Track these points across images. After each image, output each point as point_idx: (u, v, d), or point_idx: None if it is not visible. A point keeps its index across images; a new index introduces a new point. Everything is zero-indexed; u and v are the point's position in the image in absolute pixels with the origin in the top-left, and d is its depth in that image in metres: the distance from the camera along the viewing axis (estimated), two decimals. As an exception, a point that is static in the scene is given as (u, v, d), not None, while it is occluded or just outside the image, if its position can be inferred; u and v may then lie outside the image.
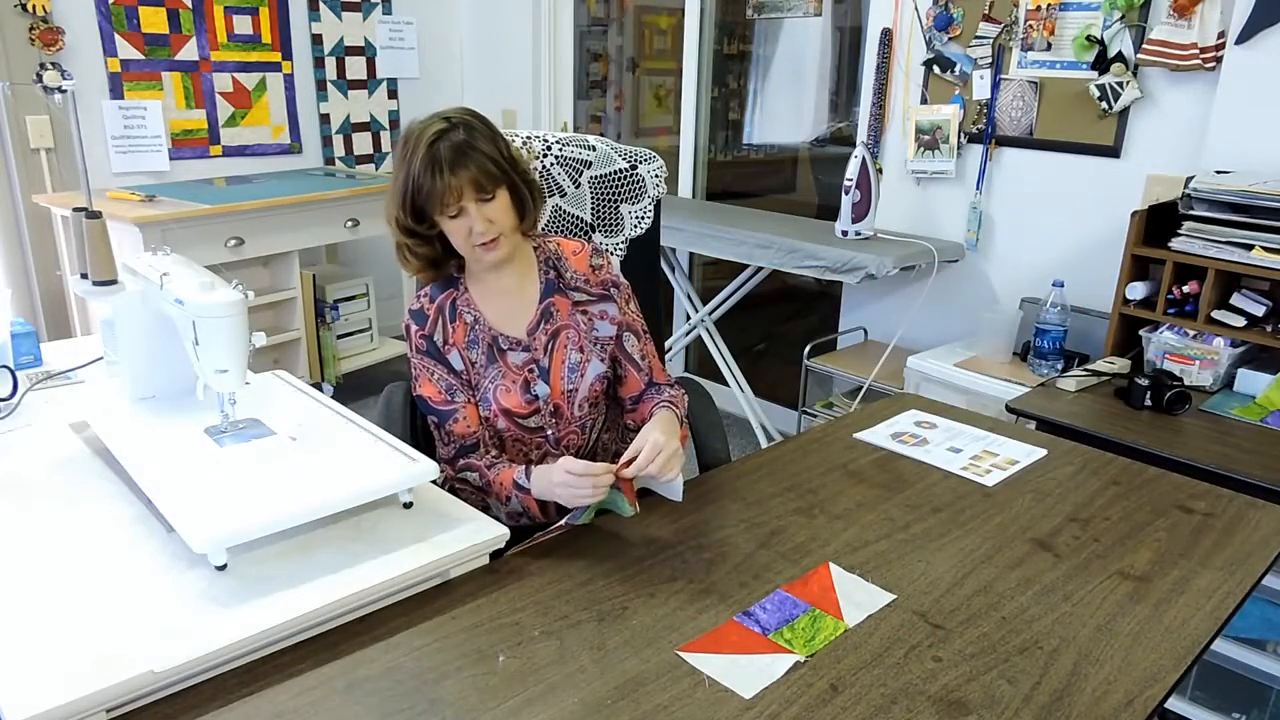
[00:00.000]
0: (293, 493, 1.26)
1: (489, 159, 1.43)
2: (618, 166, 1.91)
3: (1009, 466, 1.64)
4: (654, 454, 1.36)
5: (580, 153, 1.92)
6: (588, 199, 1.93)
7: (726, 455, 1.79)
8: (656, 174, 1.93)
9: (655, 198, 1.95)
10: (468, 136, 1.43)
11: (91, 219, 1.93)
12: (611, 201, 1.93)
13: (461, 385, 1.55)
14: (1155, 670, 1.09)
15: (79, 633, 1.04)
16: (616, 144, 1.94)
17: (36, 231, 3.33)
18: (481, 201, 1.44)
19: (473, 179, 1.42)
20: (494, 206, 1.45)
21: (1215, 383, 2.19)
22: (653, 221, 1.96)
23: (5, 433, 1.56)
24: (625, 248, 1.95)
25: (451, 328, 1.55)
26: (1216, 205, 2.15)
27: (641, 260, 1.97)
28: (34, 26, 3.21)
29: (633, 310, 1.64)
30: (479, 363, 1.56)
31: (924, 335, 3.03)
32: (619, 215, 1.94)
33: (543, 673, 1.06)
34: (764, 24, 3.68)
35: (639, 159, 1.92)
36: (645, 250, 1.98)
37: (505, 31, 4.33)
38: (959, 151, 2.90)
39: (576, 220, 1.94)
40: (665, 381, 1.66)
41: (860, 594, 1.23)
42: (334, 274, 3.98)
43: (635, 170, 1.92)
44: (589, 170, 1.92)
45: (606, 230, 1.95)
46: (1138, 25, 2.46)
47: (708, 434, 1.84)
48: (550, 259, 1.60)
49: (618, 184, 1.92)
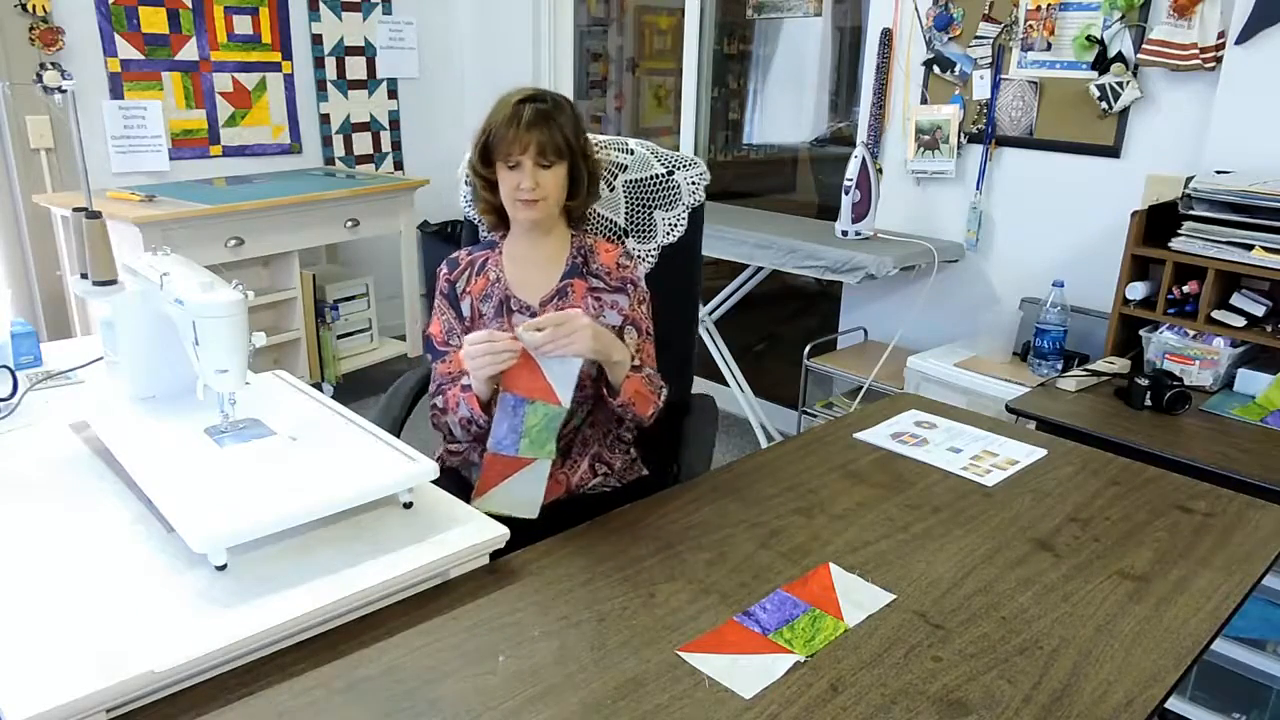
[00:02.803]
0: (293, 493, 1.26)
1: (561, 134, 1.57)
2: (654, 172, 1.89)
3: (1009, 466, 1.64)
4: (556, 322, 1.40)
5: (617, 156, 1.90)
6: (621, 203, 1.90)
7: (705, 467, 1.75)
8: (694, 181, 1.90)
9: (690, 205, 1.90)
10: (552, 109, 1.58)
11: (91, 219, 1.93)
12: (646, 207, 1.90)
13: (462, 332, 1.66)
14: (1155, 670, 1.09)
15: (79, 633, 1.04)
16: (659, 149, 1.91)
17: (36, 231, 3.33)
18: (539, 165, 1.57)
19: (539, 142, 1.55)
20: (548, 174, 1.58)
21: (1215, 383, 2.19)
22: (687, 230, 1.91)
23: (5, 433, 1.56)
24: (657, 255, 1.91)
25: (475, 279, 1.69)
26: (1216, 205, 2.15)
27: (676, 269, 1.92)
28: (34, 26, 3.21)
29: (643, 311, 1.69)
30: (487, 314, 1.67)
31: (924, 335, 3.03)
32: (652, 221, 1.91)
33: (543, 673, 1.06)
34: (764, 24, 3.68)
35: (677, 164, 1.89)
36: (680, 258, 1.93)
37: (505, 31, 4.33)
38: (959, 151, 2.90)
39: (610, 223, 1.91)
40: (650, 374, 1.66)
41: (860, 594, 1.23)
42: (334, 274, 3.98)
43: (671, 176, 1.88)
44: (624, 174, 1.90)
45: (639, 236, 1.92)
46: (1138, 25, 2.46)
47: (697, 446, 1.81)
48: (583, 249, 1.69)
49: (653, 189, 1.89)
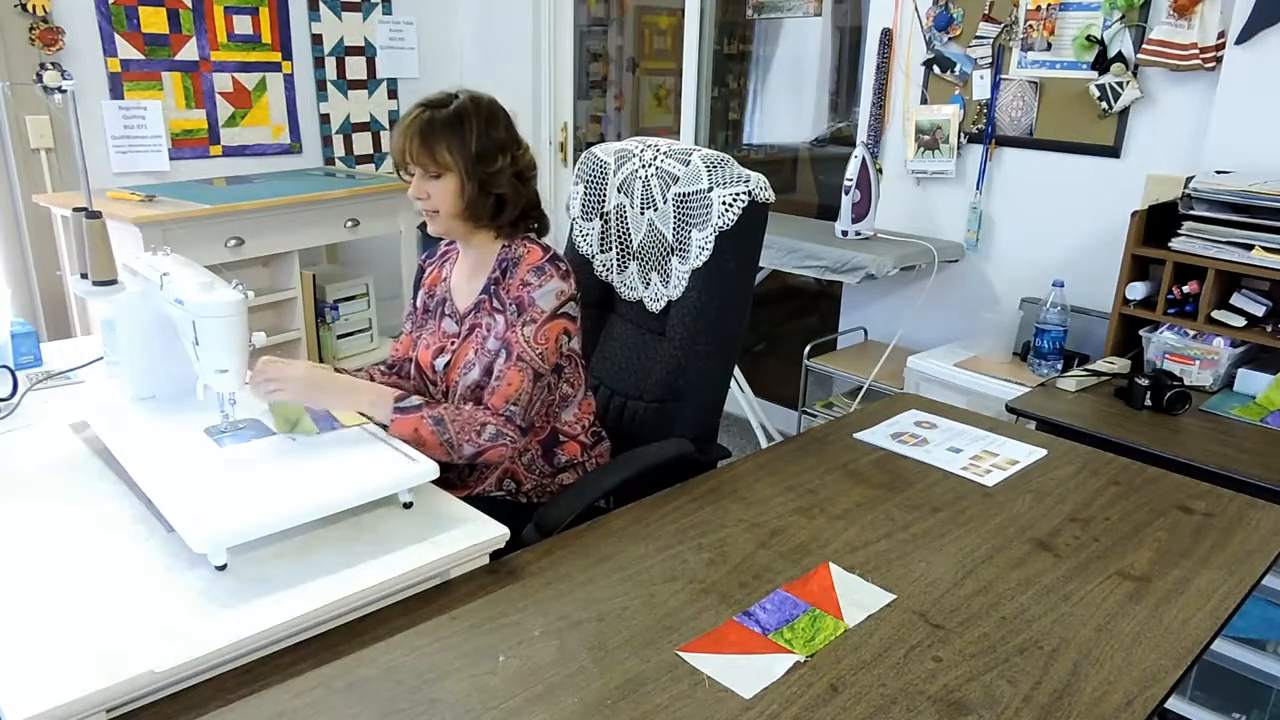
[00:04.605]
0: (293, 493, 1.27)
1: (449, 146, 1.53)
2: (699, 186, 1.73)
3: (1009, 466, 1.64)
4: (261, 373, 1.46)
5: (674, 166, 1.80)
6: (670, 217, 1.80)
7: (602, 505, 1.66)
8: (728, 200, 1.69)
9: (719, 228, 1.71)
10: (447, 118, 1.54)
11: (91, 219, 1.93)
12: (686, 224, 1.77)
13: (414, 320, 1.78)
14: (1155, 670, 1.09)
15: (79, 633, 1.04)
16: (719, 161, 1.74)
17: (36, 231, 3.33)
18: (426, 176, 1.56)
19: (418, 152, 1.54)
20: (435, 185, 1.56)
21: (1215, 383, 2.19)
22: (719, 255, 1.71)
23: (5, 433, 1.56)
24: (687, 278, 1.77)
25: (437, 270, 1.77)
26: (1216, 205, 2.15)
27: (708, 299, 1.74)
28: (34, 26, 3.21)
29: (523, 335, 1.55)
30: (431, 310, 1.75)
31: (924, 335, 3.03)
32: (689, 240, 1.76)
33: (543, 673, 1.06)
34: (764, 24, 3.68)
35: (722, 180, 1.71)
36: (714, 286, 1.73)
37: (505, 31, 4.33)
38: (959, 151, 2.90)
39: (661, 238, 1.81)
40: (494, 405, 1.54)
41: (860, 594, 1.23)
42: (334, 274, 3.98)
43: (709, 193, 1.72)
44: (675, 186, 1.79)
45: (681, 254, 1.78)
46: (1138, 25, 2.46)
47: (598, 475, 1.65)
48: (507, 260, 1.64)
49: (693, 205, 1.76)
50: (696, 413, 1.80)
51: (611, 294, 1.99)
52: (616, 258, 1.95)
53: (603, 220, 1.95)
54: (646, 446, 1.71)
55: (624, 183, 1.90)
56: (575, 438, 1.72)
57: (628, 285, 1.94)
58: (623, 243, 1.93)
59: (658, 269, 1.86)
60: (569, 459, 1.71)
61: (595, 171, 1.95)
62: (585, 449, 1.73)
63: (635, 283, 1.92)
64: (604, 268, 1.97)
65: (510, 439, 1.52)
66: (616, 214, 1.93)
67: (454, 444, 1.49)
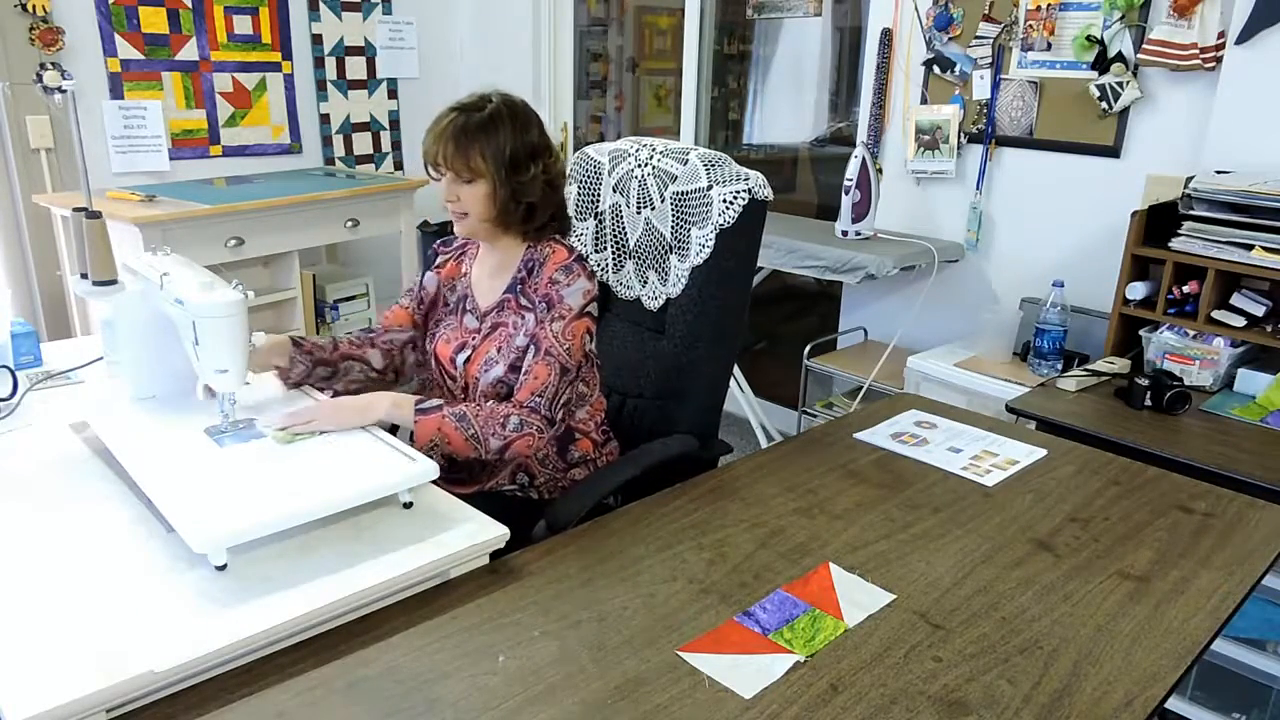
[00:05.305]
0: (293, 493, 1.26)
1: (483, 151, 1.53)
2: (698, 185, 1.75)
3: (1009, 466, 1.64)
4: (295, 417, 1.47)
5: (671, 165, 1.81)
6: (669, 216, 1.81)
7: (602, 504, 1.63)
8: (728, 199, 1.71)
9: (719, 225, 1.73)
10: (482, 122, 1.53)
11: (91, 219, 1.93)
12: (685, 222, 1.79)
13: (416, 296, 1.78)
14: (1155, 670, 1.09)
15: (79, 633, 1.04)
16: (716, 160, 1.76)
17: (36, 231, 3.33)
18: (458, 180, 1.55)
19: (451, 157, 1.53)
20: (467, 189, 1.56)
21: (1215, 383, 2.19)
22: (720, 253, 1.72)
23: (5, 433, 1.56)
24: (687, 276, 1.78)
25: (455, 263, 1.77)
26: (1216, 205, 2.15)
27: (707, 298, 1.76)
28: (34, 26, 3.21)
29: (552, 330, 1.56)
30: (449, 304, 1.75)
31: (924, 335, 3.03)
32: (689, 238, 1.78)
33: (543, 673, 1.06)
34: (764, 24, 3.68)
35: (721, 179, 1.73)
36: (713, 285, 1.75)
37: (505, 32, 4.33)
38: (959, 151, 2.90)
39: (659, 237, 1.83)
40: (519, 399, 1.55)
41: (860, 594, 1.23)
42: (334, 274, 3.98)
43: (709, 191, 1.74)
44: (673, 185, 1.80)
45: (681, 253, 1.80)
46: (1138, 25, 2.46)
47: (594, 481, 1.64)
48: (533, 261, 1.64)
49: (692, 203, 1.77)
50: (697, 410, 1.81)
51: (606, 293, 1.99)
52: (612, 257, 1.96)
53: (597, 220, 1.96)
54: (652, 443, 1.72)
55: (619, 182, 1.91)
56: (588, 434, 1.73)
57: (624, 284, 1.94)
58: (618, 242, 1.94)
59: (656, 267, 1.87)
60: (582, 455, 1.72)
61: (589, 171, 1.96)
62: (597, 446, 1.75)
63: (632, 281, 1.92)
64: (599, 267, 1.98)
65: (536, 428, 1.53)
66: (612, 213, 1.93)
67: (480, 438, 1.49)
